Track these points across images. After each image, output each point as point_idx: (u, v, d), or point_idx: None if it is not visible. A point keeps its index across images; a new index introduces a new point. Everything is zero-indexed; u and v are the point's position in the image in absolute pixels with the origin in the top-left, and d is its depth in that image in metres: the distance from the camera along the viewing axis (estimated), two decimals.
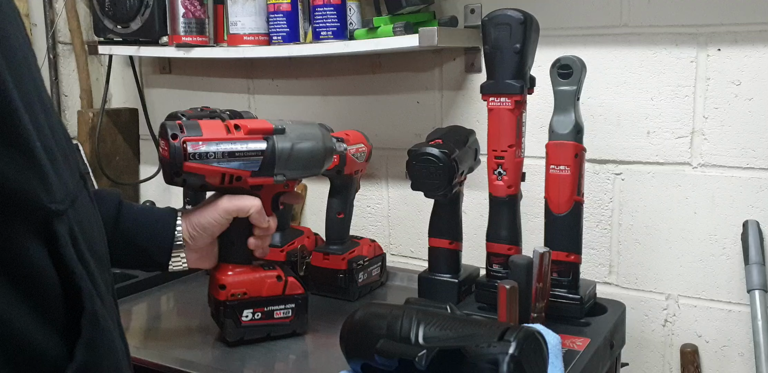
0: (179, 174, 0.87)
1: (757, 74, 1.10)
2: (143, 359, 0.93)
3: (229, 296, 0.93)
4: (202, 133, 0.87)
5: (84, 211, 0.54)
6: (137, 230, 0.89)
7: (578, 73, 0.99)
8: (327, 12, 1.28)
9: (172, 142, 0.85)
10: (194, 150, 0.86)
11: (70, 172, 0.53)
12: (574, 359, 0.89)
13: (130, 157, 1.84)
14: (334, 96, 1.52)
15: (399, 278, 1.29)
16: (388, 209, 1.49)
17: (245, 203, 0.89)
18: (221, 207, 0.89)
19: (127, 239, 0.89)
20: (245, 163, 0.88)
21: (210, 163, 0.87)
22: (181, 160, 0.86)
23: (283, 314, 0.96)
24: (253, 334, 0.95)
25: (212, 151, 0.86)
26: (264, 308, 0.95)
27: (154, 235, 0.90)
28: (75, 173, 0.55)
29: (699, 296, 1.19)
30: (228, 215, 0.89)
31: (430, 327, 0.76)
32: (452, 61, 1.36)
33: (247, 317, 0.94)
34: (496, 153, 1.01)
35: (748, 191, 1.13)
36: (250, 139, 0.89)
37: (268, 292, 0.94)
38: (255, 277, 0.94)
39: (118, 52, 1.61)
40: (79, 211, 0.52)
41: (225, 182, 0.89)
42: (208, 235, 0.91)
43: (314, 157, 0.92)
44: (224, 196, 0.91)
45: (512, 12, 0.97)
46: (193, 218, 0.90)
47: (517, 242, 1.05)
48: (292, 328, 0.97)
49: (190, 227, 0.90)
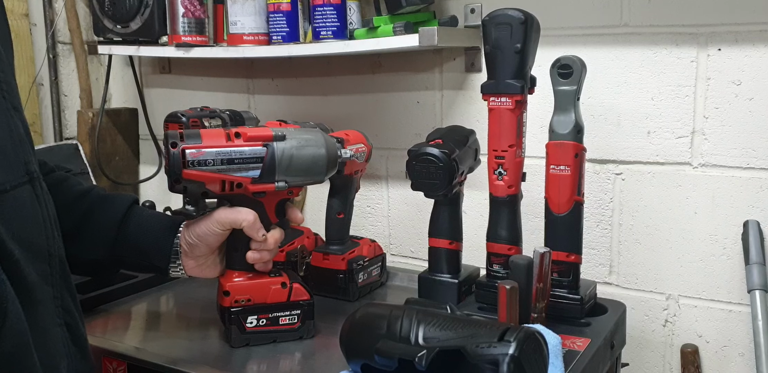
0: (179, 181, 0.88)
1: (758, 74, 1.10)
2: (143, 359, 0.93)
3: (233, 302, 0.93)
4: (202, 141, 0.88)
5: (17, 203, 0.60)
6: (140, 233, 0.93)
7: (578, 73, 0.99)
8: (327, 12, 1.28)
9: (171, 150, 0.87)
10: (193, 158, 0.87)
11: (4, 167, 0.59)
12: (574, 360, 0.89)
13: (129, 157, 1.84)
14: (334, 96, 1.52)
15: (399, 278, 1.28)
16: (388, 209, 1.49)
17: (237, 216, 0.90)
18: (215, 218, 0.90)
19: (130, 242, 0.92)
20: (245, 169, 0.89)
21: (209, 170, 0.87)
22: (179, 168, 0.87)
23: (288, 320, 0.96)
24: (259, 340, 0.95)
25: (211, 159, 0.87)
26: (269, 314, 0.95)
27: (156, 240, 0.92)
28: (17, 169, 0.61)
29: (699, 296, 1.19)
30: (221, 227, 0.90)
31: (430, 327, 0.76)
32: (452, 61, 1.36)
33: (252, 324, 0.94)
34: (496, 153, 1.01)
35: (748, 191, 1.13)
36: (250, 145, 0.89)
37: (273, 298, 0.94)
38: (259, 283, 0.94)
39: (118, 52, 1.61)
40: (8, 203, 0.59)
41: (226, 189, 0.89)
42: (205, 244, 0.91)
43: (316, 164, 0.92)
44: (221, 207, 0.92)
45: (513, 12, 0.96)
46: (192, 227, 0.92)
47: (518, 242, 1.05)
48: (298, 334, 0.97)
49: (188, 235, 0.92)
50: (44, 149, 1.62)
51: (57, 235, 0.68)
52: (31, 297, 0.61)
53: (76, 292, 0.71)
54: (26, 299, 0.59)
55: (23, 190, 0.62)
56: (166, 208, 1.39)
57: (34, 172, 0.64)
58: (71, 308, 0.69)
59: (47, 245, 0.65)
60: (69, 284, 0.70)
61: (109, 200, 0.95)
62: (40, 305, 0.63)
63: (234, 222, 0.90)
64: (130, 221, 0.93)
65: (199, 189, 0.89)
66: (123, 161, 1.82)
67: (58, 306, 0.66)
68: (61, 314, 0.67)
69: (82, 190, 0.95)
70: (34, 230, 0.63)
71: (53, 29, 1.72)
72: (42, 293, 0.64)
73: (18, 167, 0.61)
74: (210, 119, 1.29)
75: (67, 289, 0.69)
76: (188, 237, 0.92)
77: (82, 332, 0.71)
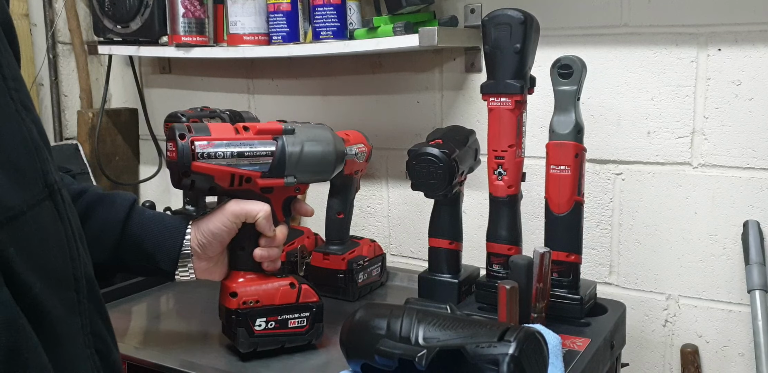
0: (188, 175, 0.84)
1: (758, 74, 1.10)
2: (143, 359, 0.93)
3: (241, 304, 0.89)
4: (211, 134, 0.85)
5: (36, 226, 0.50)
6: (145, 236, 0.87)
7: (579, 73, 0.99)
8: (327, 12, 1.28)
9: (180, 142, 0.83)
10: (203, 150, 0.84)
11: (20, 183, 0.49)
12: (574, 360, 0.89)
13: (129, 158, 1.84)
14: (334, 96, 1.52)
15: (399, 278, 1.28)
16: (388, 209, 1.49)
17: (253, 207, 0.87)
18: (229, 211, 0.87)
19: (134, 245, 0.87)
20: (255, 164, 0.86)
21: (219, 163, 0.84)
22: (189, 160, 0.83)
23: (297, 323, 0.92)
24: (267, 345, 0.91)
25: (221, 151, 0.84)
26: (278, 316, 0.91)
27: (162, 242, 0.87)
28: (34, 184, 0.51)
29: (699, 296, 1.19)
30: (236, 219, 0.87)
31: (430, 327, 0.76)
32: (452, 61, 1.36)
33: (261, 327, 0.90)
34: (496, 153, 1.01)
35: (748, 191, 1.13)
36: (259, 139, 0.87)
37: (281, 300, 0.91)
38: (267, 284, 0.90)
39: (118, 52, 1.61)
40: (25, 228, 0.48)
41: (235, 184, 0.86)
42: (218, 241, 0.88)
43: (325, 160, 0.90)
44: (232, 200, 0.88)
45: (512, 12, 0.96)
46: (201, 225, 0.88)
47: (518, 242, 1.05)
48: (307, 338, 0.93)
49: (199, 234, 0.88)
50: None
51: (83, 250, 0.59)
52: (55, 333, 0.53)
53: (107, 311, 0.63)
54: (49, 338, 0.51)
55: (43, 208, 0.53)
56: (166, 208, 1.39)
57: (54, 184, 0.55)
58: (102, 332, 0.61)
59: (72, 267, 0.56)
60: (99, 305, 0.61)
61: (108, 200, 0.89)
62: (66, 340, 0.55)
63: (249, 214, 0.87)
64: (132, 222, 0.88)
65: (207, 184, 0.86)
66: (123, 161, 1.82)
67: (87, 334, 0.58)
68: (91, 342, 0.58)
69: (79, 189, 0.89)
70: (56, 255, 0.54)
71: (53, 29, 1.72)
72: (68, 326, 0.55)
73: (36, 182, 0.52)
74: (210, 119, 1.29)
75: (98, 311, 0.60)
76: (200, 236, 0.88)
77: (114, 357, 0.62)
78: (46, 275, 0.51)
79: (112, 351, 0.62)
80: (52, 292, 0.52)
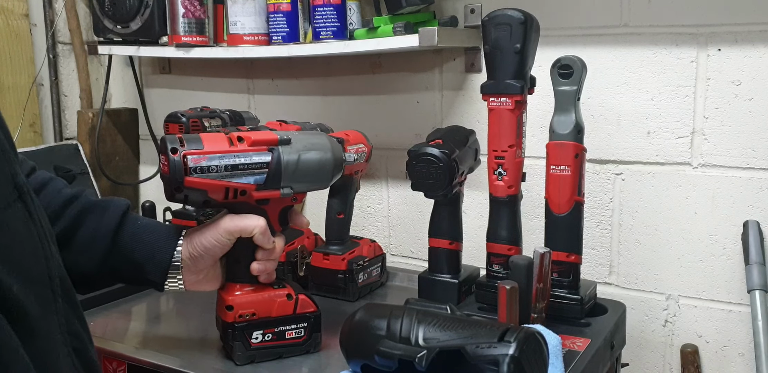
0: (180, 190, 0.82)
1: (757, 74, 1.10)
2: (143, 359, 0.93)
3: (237, 317, 0.88)
4: (204, 146, 0.82)
5: (9, 227, 0.51)
6: (135, 245, 0.85)
7: (579, 73, 0.99)
8: (327, 12, 1.28)
9: (171, 157, 0.80)
10: (195, 164, 0.81)
11: None
12: (574, 360, 0.89)
13: (129, 158, 1.84)
14: (334, 96, 1.52)
15: (399, 278, 1.28)
16: (388, 209, 1.49)
17: (248, 223, 0.84)
18: (222, 227, 0.84)
19: (124, 254, 0.85)
20: (250, 176, 0.84)
21: (212, 177, 0.82)
22: (181, 175, 0.81)
23: (295, 334, 0.91)
24: (264, 357, 0.90)
25: (214, 165, 0.82)
26: (275, 328, 0.90)
27: (153, 253, 0.85)
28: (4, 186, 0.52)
29: (699, 296, 1.19)
30: (230, 236, 0.84)
31: (430, 328, 0.76)
32: (452, 61, 1.36)
33: (257, 339, 0.89)
34: (496, 153, 1.01)
35: (748, 191, 1.13)
36: (254, 151, 0.84)
37: (278, 312, 0.89)
38: (264, 296, 0.89)
39: (118, 52, 1.61)
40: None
41: (229, 197, 0.84)
42: (210, 256, 0.85)
43: (322, 169, 0.87)
44: (227, 215, 0.86)
45: (512, 12, 0.96)
46: (194, 238, 0.85)
47: (518, 243, 1.05)
48: (305, 349, 0.93)
49: (191, 247, 0.85)
50: (44, 149, 1.62)
51: (54, 250, 0.60)
52: (33, 334, 0.54)
53: (81, 309, 0.64)
54: (28, 338, 0.52)
55: (14, 209, 0.54)
56: (166, 208, 1.39)
57: (23, 185, 0.56)
58: (78, 330, 0.62)
59: (47, 267, 0.57)
60: (74, 303, 0.62)
61: (101, 207, 0.86)
62: (44, 340, 0.56)
63: (245, 230, 0.84)
64: (124, 231, 0.85)
65: (200, 198, 0.83)
66: (123, 161, 1.82)
67: (64, 333, 0.59)
68: (68, 341, 0.60)
69: (70, 194, 0.86)
70: (30, 255, 0.55)
71: (53, 29, 1.72)
72: (46, 325, 0.56)
73: (5, 184, 0.53)
74: (210, 119, 1.29)
75: (73, 309, 0.61)
76: (192, 249, 0.85)
77: (90, 355, 0.63)
78: (23, 275, 0.52)
79: (88, 349, 0.62)
80: (29, 292, 0.52)
